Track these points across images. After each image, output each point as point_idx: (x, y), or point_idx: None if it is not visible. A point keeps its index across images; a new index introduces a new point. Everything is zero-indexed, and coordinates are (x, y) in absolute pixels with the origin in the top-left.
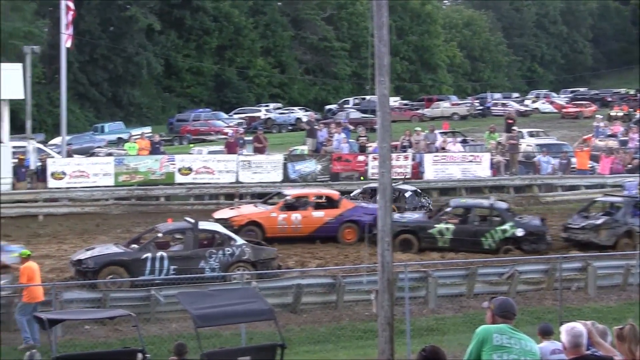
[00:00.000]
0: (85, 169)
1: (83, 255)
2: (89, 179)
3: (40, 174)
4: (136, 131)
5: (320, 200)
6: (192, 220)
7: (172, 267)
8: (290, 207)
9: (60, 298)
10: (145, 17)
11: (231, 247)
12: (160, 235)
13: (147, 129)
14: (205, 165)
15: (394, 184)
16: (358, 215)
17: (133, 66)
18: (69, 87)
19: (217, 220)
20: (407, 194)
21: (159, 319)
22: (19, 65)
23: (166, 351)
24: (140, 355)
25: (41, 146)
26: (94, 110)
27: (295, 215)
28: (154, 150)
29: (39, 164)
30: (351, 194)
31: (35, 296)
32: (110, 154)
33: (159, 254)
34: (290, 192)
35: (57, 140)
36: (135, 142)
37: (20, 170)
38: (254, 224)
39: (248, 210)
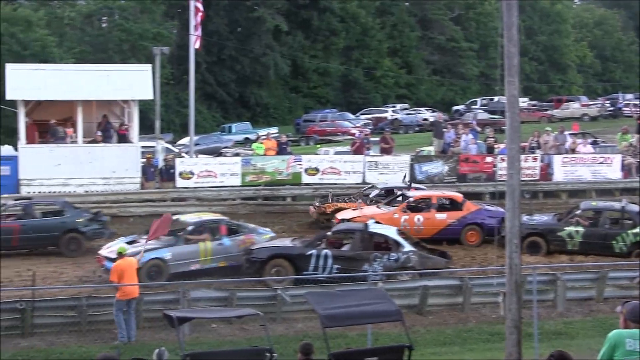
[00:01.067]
0: (212, 169)
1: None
2: (217, 179)
3: (166, 174)
4: (263, 131)
5: (443, 203)
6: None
7: (335, 266)
8: (413, 208)
9: (187, 296)
10: (272, 18)
11: (397, 253)
12: (329, 233)
13: (274, 130)
14: (332, 165)
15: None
16: (481, 218)
17: (260, 67)
18: (196, 88)
19: (341, 221)
20: None
21: (285, 318)
22: (148, 67)
23: (292, 351)
24: (268, 355)
25: (169, 146)
26: (221, 111)
27: (418, 217)
28: (281, 150)
29: (165, 163)
30: (370, 195)
31: (128, 293)
32: (237, 154)
33: (324, 252)
34: (414, 193)
35: (184, 140)
36: (262, 143)
37: (148, 170)
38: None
39: (370, 211)
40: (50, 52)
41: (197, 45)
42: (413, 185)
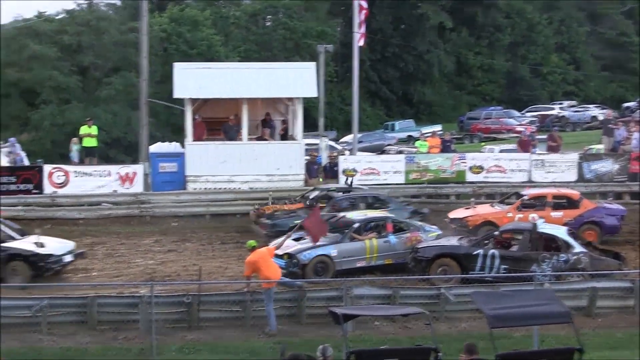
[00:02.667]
0: (376, 167)
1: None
2: (380, 177)
3: (329, 171)
4: (427, 129)
5: (559, 200)
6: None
7: (502, 266)
8: (528, 206)
9: (351, 294)
10: (436, 15)
11: (566, 254)
12: (496, 233)
13: (438, 127)
14: (497, 164)
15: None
16: (599, 217)
17: (424, 64)
18: (360, 85)
19: (452, 220)
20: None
21: (448, 317)
22: (312, 64)
23: (454, 350)
24: (433, 354)
25: (332, 143)
26: (384, 108)
27: (533, 216)
28: (445, 148)
29: (329, 161)
30: (310, 196)
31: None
32: (400, 152)
33: (491, 251)
34: (528, 191)
35: (348, 138)
36: (426, 140)
37: (312, 167)
38: (489, 223)
39: (484, 210)
40: (216, 51)
41: (361, 43)
42: (354, 185)
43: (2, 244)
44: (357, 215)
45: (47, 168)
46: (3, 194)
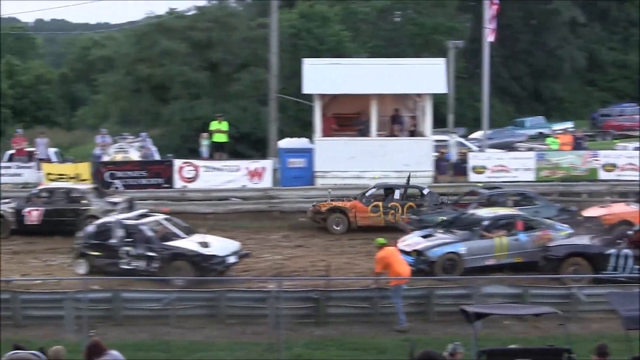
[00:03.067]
0: (505, 164)
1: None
2: (509, 174)
3: (459, 168)
4: (558, 126)
5: None
6: None
7: (636, 266)
8: None
9: (480, 292)
10: (568, 10)
11: None
12: (630, 232)
13: (569, 124)
14: (631, 162)
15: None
16: None
17: (555, 60)
18: (490, 82)
19: (587, 219)
20: (425, 191)
21: (580, 317)
22: (442, 60)
23: (586, 351)
24: (566, 355)
25: (462, 140)
26: (514, 105)
27: None
28: (577, 145)
29: (460, 157)
30: (366, 194)
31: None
32: (531, 149)
33: (624, 251)
34: None
35: (477, 134)
36: (557, 137)
37: (441, 164)
38: (626, 223)
39: (619, 209)
40: (345, 47)
41: (492, 39)
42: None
43: (167, 243)
44: (486, 212)
45: (177, 163)
46: (134, 188)
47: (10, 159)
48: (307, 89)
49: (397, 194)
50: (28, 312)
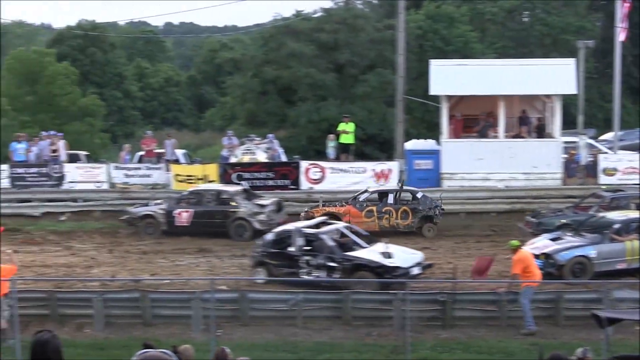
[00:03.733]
0: (637, 166)
1: None
2: None
3: (589, 170)
4: None
5: None
6: None
7: None
8: None
9: (611, 296)
10: None
11: None
12: None
13: None
14: None
15: (405, 187)
16: None
17: None
18: (621, 82)
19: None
20: (418, 195)
21: None
22: (571, 60)
23: None
24: None
25: (592, 141)
26: None
27: None
28: None
29: (590, 159)
30: (360, 198)
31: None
32: None
33: None
34: None
35: (607, 136)
36: None
37: (570, 166)
38: None
39: None
40: (472, 48)
41: (623, 38)
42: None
43: (349, 253)
44: (617, 215)
45: (304, 164)
46: (261, 190)
47: (140, 160)
48: (434, 90)
49: (390, 199)
50: (157, 311)
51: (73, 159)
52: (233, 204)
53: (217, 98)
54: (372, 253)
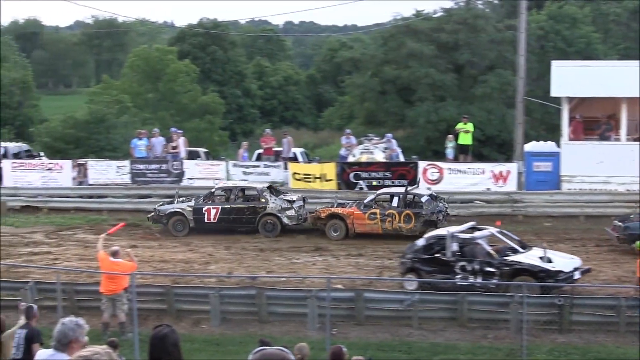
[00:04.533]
0: None
1: None
2: None
3: None
4: None
5: None
6: None
7: None
8: None
9: None
10: None
11: None
12: None
13: None
14: None
15: (409, 189)
16: None
17: None
18: None
19: None
20: (423, 199)
21: None
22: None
23: None
24: None
25: None
26: None
27: None
28: None
29: None
30: (365, 201)
31: None
32: None
33: None
34: None
35: None
36: None
37: None
38: None
39: None
40: (595, 49)
41: None
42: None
43: (507, 258)
44: None
45: (422, 164)
46: (378, 189)
47: (259, 158)
48: (555, 91)
49: (395, 202)
50: (272, 309)
51: (192, 155)
52: (262, 200)
53: (336, 97)
54: (531, 257)
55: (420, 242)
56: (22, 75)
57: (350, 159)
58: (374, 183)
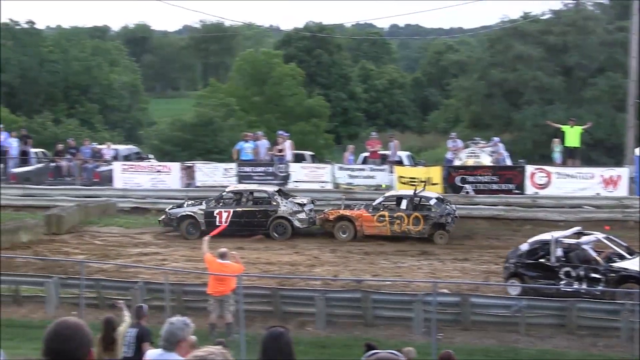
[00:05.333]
0: None
1: None
2: None
3: None
4: None
5: None
6: None
7: None
8: None
9: None
10: None
11: None
12: None
13: None
14: None
15: (416, 192)
16: None
17: None
18: None
19: None
20: (431, 202)
21: None
22: None
23: None
24: None
25: None
26: None
27: None
28: None
29: None
30: (373, 203)
31: None
32: None
33: None
34: None
35: None
36: None
37: None
38: None
39: None
40: None
41: None
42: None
43: (614, 264)
44: None
45: (529, 168)
46: (485, 193)
47: (364, 161)
48: None
49: (403, 204)
50: (378, 312)
51: (298, 158)
52: (273, 203)
53: (442, 100)
54: (638, 264)
55: (524, 246)
56: (132, 79)
57: (457, 163)
58: (480, 187)
